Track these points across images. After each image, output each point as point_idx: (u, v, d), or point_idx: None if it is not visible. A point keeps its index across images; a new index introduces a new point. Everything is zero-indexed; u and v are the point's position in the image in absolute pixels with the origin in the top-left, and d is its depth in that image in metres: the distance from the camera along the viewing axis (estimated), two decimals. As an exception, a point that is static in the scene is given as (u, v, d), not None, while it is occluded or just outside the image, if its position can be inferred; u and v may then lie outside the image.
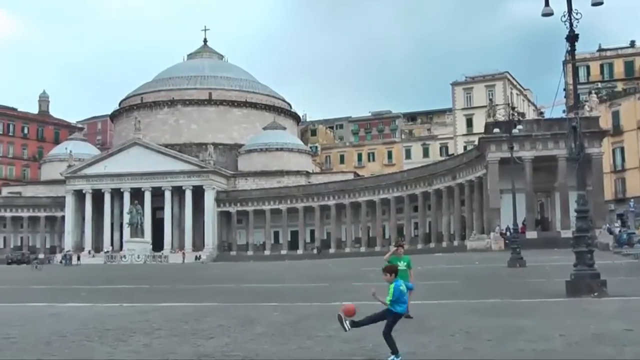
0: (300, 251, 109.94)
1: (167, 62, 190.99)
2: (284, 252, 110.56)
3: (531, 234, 70.66)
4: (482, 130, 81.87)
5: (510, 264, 43.03)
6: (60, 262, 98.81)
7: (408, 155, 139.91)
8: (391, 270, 11.84)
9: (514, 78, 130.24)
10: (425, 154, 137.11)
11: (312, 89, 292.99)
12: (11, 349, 15.22)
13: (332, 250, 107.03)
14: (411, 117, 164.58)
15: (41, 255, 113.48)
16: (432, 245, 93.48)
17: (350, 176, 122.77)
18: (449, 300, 23.54)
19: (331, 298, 23.66)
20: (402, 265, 17.57)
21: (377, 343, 14.27)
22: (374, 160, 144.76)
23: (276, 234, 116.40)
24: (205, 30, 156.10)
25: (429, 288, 30.54)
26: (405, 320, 17.92)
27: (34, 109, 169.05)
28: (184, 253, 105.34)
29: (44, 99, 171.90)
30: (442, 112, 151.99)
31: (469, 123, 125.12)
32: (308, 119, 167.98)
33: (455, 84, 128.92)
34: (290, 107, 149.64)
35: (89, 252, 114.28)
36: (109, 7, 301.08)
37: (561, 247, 55.17)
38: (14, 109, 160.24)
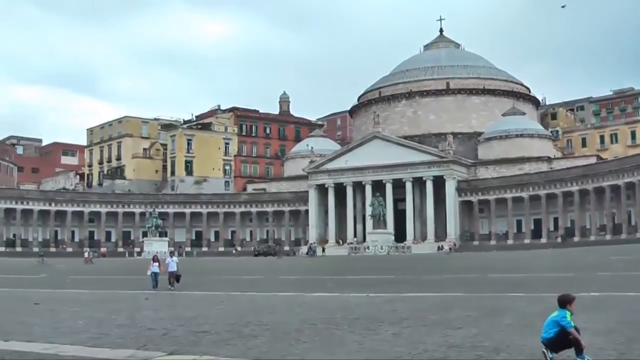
0: (543, 240, 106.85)
1: (403, 55, 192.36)
2: (527, 241, 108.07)
3: None
4: None
5: None
6: (306, 253, 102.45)
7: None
8: None
9: None
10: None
11: (550, 70, 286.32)
12: (265, 335, 16.01)
13: (576, 239, 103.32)
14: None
15: (286, 247, 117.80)
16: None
17: (593, 160, 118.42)
18: None
19: (578, 288, 22.48)
20: None
21: (630, 337, 13.84)
22: (617, 141, 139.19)
23: (519, 222, 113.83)
24: (440, 20, 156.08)
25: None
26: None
27: (274, 110, 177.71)
28: (449, 242, 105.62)
29: (284, 100, 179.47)
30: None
31: None
32: (547, 103, 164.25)
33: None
34: (529, 91, 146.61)
35: (337, 242, 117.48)
36: (344, 6, 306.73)
37: None
38: (256, 111, 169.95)
